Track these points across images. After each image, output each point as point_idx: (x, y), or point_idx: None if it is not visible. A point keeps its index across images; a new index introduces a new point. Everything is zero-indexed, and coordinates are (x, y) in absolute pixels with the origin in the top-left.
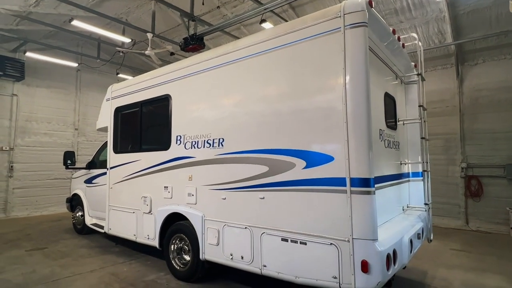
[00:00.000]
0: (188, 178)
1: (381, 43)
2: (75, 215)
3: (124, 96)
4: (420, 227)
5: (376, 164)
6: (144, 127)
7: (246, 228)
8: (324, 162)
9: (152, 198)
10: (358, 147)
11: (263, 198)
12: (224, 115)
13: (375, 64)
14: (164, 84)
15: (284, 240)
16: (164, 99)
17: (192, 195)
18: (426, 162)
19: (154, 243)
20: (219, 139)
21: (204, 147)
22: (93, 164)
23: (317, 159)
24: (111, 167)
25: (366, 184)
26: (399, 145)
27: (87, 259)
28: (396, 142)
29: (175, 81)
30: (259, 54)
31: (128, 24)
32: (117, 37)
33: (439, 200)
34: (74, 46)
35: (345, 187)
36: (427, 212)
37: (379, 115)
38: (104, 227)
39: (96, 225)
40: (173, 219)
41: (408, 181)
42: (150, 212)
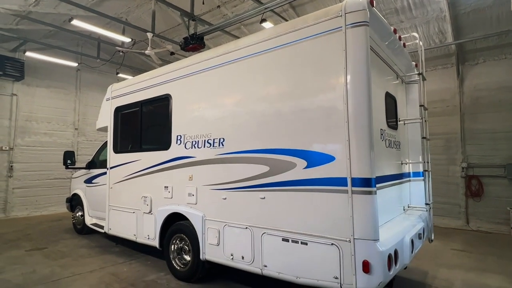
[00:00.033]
0: (189, 178)
1: (382, 43)
2: (75, 215)
3: (124, 95)
4: (421, 227)
5: (377, 164)
6: (144, 126)
7: (246, 228)
8: (325, 162)
9: (152, 198)
10: (359, 147)
11: (263, 198)
12: (224, 114)
13: (376, 64)
14: (164, 83)
15: (285, 240)
16: (164, 99)
17: (192, 195)
18: (427, 162)
19: (154, 243)
20: (220, 139)
21: (204, 147)
22: (93, 164)
23: (318, 159)
24: (111, 167)
25: (368, 184)
26: (400, 145)
27: (87, 259)
28: (397, 142)
29: (175, 80)
30: (259, 54)
31: (128, 23)
32: (117, 36)
33: (440, 200)
34: (74, 45)
35: (346, 187)
36: (428, 212)
37: (380, 114)
38: (104, 227)
39: (96, 225)
40: (173, 219)
41: (409, 181)
42: (150, 212)
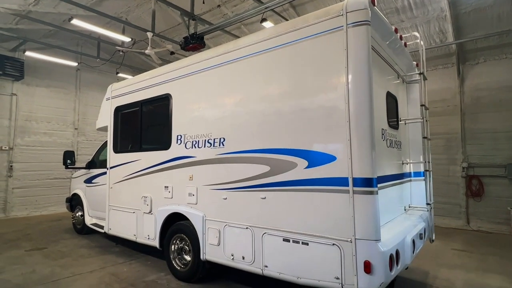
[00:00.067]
0: (189, 178)
1: (383, 42)
2: (75, 215)
3: (124, 95)
4: (422, 227)
5: (379, 163)
6: (144, 126)
7: (247, 228)
8: (326, 162)
9: (152, 198)
10: (360, 147)
11: (264, 198)
12: (225, 114)
13: (377, 63)
14: (164, 83)
15: (285, 240)
16: (165, 98)
17: (192, 195)
18: (428, 162)
19: (155, 243)
20: (220, 138)
21: (205, 146)
22: (93, 163)
23: (319, 159)
24: (111, 167)
25: (369, 184)
26: (400, 144)
27: (87, 259)
28: (398, 141)
29: (175, 80)
30: (260, 53)
31: (128, 23)
32: (117, 36)
33: (440, 200)
34: (74, 45)
35: (347, 187)
36: (429, 212)
37: (381, 114)
38: (104, 227)
39: (96, 225)
40: (173, 219)
41: (410, 180)
42: (151, 212)
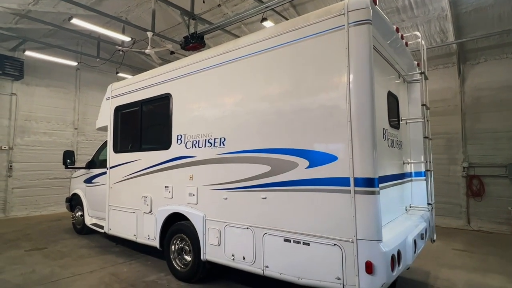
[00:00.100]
0: (189, 177)
1: (384, 41)
2: (75, 215)
3: (124, 95)
4: (424, 227)
5: (380, 163)
6: (144, 126)
7: (248, 228)
8: (328, 162)
9: (152, 198)
10: (362, 147)
11: (265, 198)
12: (225, 114)
13: (378, 63)
14: (164, 83)
15: (286, 240)
16: (165, 98)
17: (193, 195)
18: (429, 162)
19: (155, 243)
20: (221, 138)
21: (205, 146)
22: (92, 163)
23: (320, 159)
24: (111, 167)
25: (371, 184)
26: (401, 144)
27: (87, 259)
28: (399, 141)
29: (175, 80)
30: (260, 53)
31: (128, 22)
32: (117, 35)
33: (441, 199)
34: (74, 45)
35: (349, 187)
36: (430, 212)
37: (382, 114)
38: (104, 227)
39: (96, 225)
40: (173, 219)
41: (411, 180)
42: (151, 212)
